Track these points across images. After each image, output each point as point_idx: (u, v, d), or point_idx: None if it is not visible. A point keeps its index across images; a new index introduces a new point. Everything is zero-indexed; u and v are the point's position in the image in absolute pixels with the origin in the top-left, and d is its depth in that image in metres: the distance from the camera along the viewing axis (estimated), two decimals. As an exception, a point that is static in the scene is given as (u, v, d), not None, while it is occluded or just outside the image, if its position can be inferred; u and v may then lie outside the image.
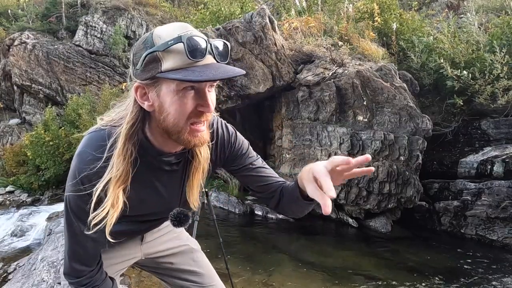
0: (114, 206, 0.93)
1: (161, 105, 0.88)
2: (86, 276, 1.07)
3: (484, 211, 4.21)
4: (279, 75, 5.15)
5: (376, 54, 5.17)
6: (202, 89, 0.87)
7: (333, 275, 3.39)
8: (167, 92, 0.86)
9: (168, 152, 1.00)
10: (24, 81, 8.15)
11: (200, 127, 0.91)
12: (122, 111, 0.98)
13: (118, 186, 0.93)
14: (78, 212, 0.97)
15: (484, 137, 4.80)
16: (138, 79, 0.88)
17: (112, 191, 0.92)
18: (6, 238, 4.82)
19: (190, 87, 0.85)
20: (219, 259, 3.11)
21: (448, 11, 6.61)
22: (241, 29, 5.16)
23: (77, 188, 0.93)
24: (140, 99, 0.90)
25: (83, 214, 0.95)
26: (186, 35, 0.81)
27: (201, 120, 0.90)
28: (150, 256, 1.35)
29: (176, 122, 0.88)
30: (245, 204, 5.38)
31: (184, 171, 1.09)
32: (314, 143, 4.80)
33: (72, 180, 0.94)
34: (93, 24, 8.72)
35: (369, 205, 4.56)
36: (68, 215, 0.99)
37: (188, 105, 0.86)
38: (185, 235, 1.46)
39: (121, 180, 0.93)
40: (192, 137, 0.91)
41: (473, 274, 3.45)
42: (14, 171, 7.05)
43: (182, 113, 0.87)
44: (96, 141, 0.95)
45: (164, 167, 1.02)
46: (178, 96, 0.85)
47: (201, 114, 0.89)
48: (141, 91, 0.90)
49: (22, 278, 2.84)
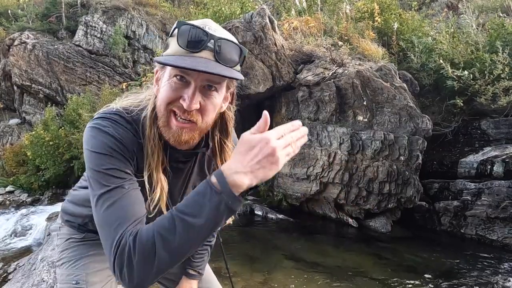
0: (163, 189, 0.93)
1: (158, 89, 0.91)
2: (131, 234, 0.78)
3: (484, 211, 4.21)
4: (279, 75, 5.15)
5: (376, 54, 5.17)
6: (192, 83, 0.85)
7: (333, 275, 3.39)
8: (165, 77, 0.88)
9: (176, 147, 0.98)
10: (24, 81, 8.15)
11: (178, 122, 0.88)
12: (142, 98, 0.99)
13: (159, 170, 0.93)
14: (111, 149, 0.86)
15: (484, 137, 4.80)
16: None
17: (156, 175, 0.92)
18: (6, 238, 4.82)
19: (181, 77, 0.84)
20: (219, 259, 3.11)
21: (448, 11, 6.61)
22: (241, 29, 5.16)
23: (104, 129, 0.87)
24: (155, 83, 0.94)
25: (117, 148, 0.87)
26: (182, 23, 0.82)
27: (180, 114, 0.87)
28: None
29: (160, 105, 0.89)
30: (245, 204, 5.38)
31: (188, 173, 1.08)
32: (314, 143, 4.80)
33: (96, 129, 0.87)
34: (93, 24, 8.71)
35: (369, 205, 4.56)
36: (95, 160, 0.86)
37: (172, 92, 0.86)
38: None
39: (159, 163, 0.93)
40: (169, 127, 0.89)
41: (473, 274, 3.45)
42: (14, 171, 7.05)
43: (164, 98, 0.87)
44: (120, 117, 0.92)
45: (170, 162, 0.99)
46: (169, 82, 0.86)
47: (180, 107, 0.86)
48: (157, 75, 0.94)
49: (22, 278, 2.84)
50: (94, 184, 0.85)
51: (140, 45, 8.82)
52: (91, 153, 0.86)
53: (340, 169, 4.55)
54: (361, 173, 4.52)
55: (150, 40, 8.80)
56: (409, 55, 5.30)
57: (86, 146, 0.89)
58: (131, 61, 8.70)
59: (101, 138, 0.87)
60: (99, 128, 0.88)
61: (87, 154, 0.88)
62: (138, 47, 8.83)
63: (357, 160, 4.55)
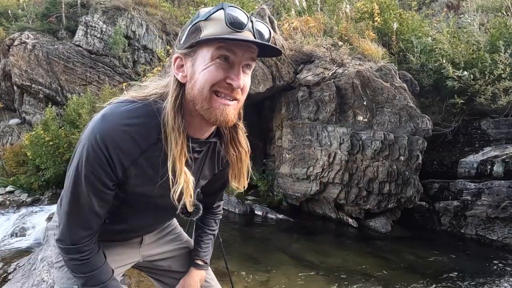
0: (188, 180, 0.94)
1: (192, 74, 0.90)
2: (87, 241, 1.01)
3: (484, 211, 4.21)
4: (279, 75, 5.14)
5: (376, 54, 5.17)
6: (236, 62, 0.88)
7: (333, 275, 3.39)
8: (201, 61, 0.88)
9: (192, 136, 0.99)
10: (24, 81, 8.15)
11: (225, 100, 0.89)
12: (157, 89, 0.98)
13: (182, 160, 0.92)
14: (93, 173, 0.92)
15: (484, 137, 4.80)
16: (178, 50, 0.91)
17: (180, 166, 0.92)
18: (6, 238, 4.82)
19: (225, 58, 0.86)
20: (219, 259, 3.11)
21: (448, 11, 6.61)
22: (241, 29, 5.16)
23: (95, 151, 0.89)
24: (176, 70, 0.93)
25: (101, 177, 0.92)
26: (227, 5, 0.84)
27: (227, 93, 0.89)
28: (148, 259, 1.33)
29: (202, 88, 0.88)
30: (245, 204, 5.38)
31: (202, 161, 1.08)
32: (314, 143, 4.80)
33: (90, 144, 0.89)
34: (93, 24, 8.72)
35: (369, 205, 4.56)
36: (77, 177, 0.93)
37: (218, 73, 0.87)
38: (185, 237, 1.44)
39: (183, 154, 0.93)
40: (214, 108, 0.89)
41: (473, 274, 3.45)
42: (14, 171, 7.05)
43: (209, 80, 0.87)
44: (126, 110, 0.92)
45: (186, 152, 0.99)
46: (213, 64, 0.87)
47: (228, 86, 0.88)
48: (179, 62, 0.92)
49: (22, 278, 2.84)
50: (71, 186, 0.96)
51: (140, 45, 8.82)
52: (83, 156, 0.92)
53: (340, 169, 4.55)
54: (361, 173, 4.52)
55: (150, 40, 8.81)
56: (408, 55, 5.30)
57: (82, 143, 0.93)
58: (131, 61, 8.71)
59: (94, 160, 0.91)
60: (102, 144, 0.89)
61: (80, 151, 0.93)
62: (138, 47, 8.83)
63: (357, 160, 4.55)
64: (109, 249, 1.18)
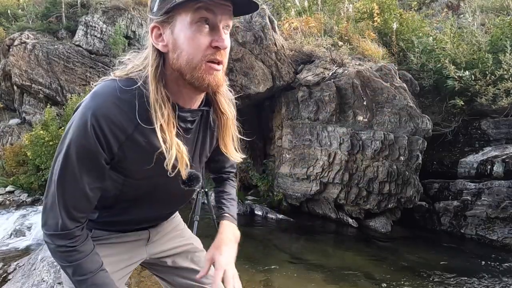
0: (180, 150, 0.92)
1: (175, 42, 0.87)
2: (76, 228, 0.97)
3: (484, 211, 4.21)
4: (279, 75, 5.14)
5: (376, 54, 5.17)
6: (216, 24, 0.86)
7: (333, 275, 3.40)
8: (181, 27, 0.86)
9: (182, 106, 0.97)
10: (24, 81, 8.15)
11: (214, 65, 0.89)
12: (137, 64, 0.95)
13: (171, 130, 0.90)
14: (85, 153, 0.89)
15: (484, 137, 4.80)
16: (154, 18, 0.88)
17: (170, 136, 0.90)
18: (6, 238, 4.82)
19: (205, 20, 0.85)
20: (219, 259, 3.10)
21: (448, 11, 6.61)
22: (241, 29, 5.16)
23: (87, 129, 0.87)
24: (155, 40, 0.90)
25: (95, 153, 0.89)
26: None
27: (217, 58, 0.88)
28: (154, 256, 1.32)
29: (191, 59, 0.87)
30: (245, 204, 5.38)
31: (197, 131, 1.07)
32: (314, 143, 4.80)
33: (82, 122, 0.87)
34: (93, 24, 8.71)
35: (369, 205, 4.56)
36: (67, 157, 0.90)
37: (202, 39, 0.86)
38: (188, 233, 1.43)
39: (171, 124, 0.90)
40: (207, 75, 0.88)
41: (473, 274, 3.45)
42: (14, 171, 7.05)
43: (197, 48, 0.86)
44: (115, 87, 0.90)
45: (179, 123, 0.97)
46: (192, 30, 0.85)
47: (217, 51, 0.87)
48: (157, 32, 0.89)
49: (22, 278, 2.84)
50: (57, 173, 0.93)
51: (140, 45, 8.82)
52: (72, 140, 0.90)
53: (340, 169, 4.55)
54: (361, 173, 4.52)
55: (150, 40, 8.78)
56: (408, 55, 5.30)
57: (72, 129, 0.90)
58: (131, 61, 8.69)
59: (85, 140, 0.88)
60: (91, 125, 0.87)
61: (69, 135, 0.90)
62: (138, 47, 8.82)
63: (357, 160, 4.55)
64: (116, 248, 1.17)
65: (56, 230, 0.95)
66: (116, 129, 0.89)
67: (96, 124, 0.87)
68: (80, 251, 0.98)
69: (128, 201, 1.08)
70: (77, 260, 0.98)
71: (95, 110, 0.87)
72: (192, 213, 2.89)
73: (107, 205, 1.07)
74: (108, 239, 1.16)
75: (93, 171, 0.93)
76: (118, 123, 0.89)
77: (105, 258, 1.11)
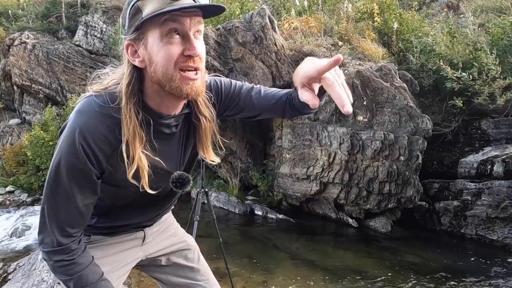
0: (143, 167, 0.94)
1: (149, 57, 0.89)
2: (73, 242, 0.99)
3: (484, 211, 4.21)
4: (279, 75, 5.15)
5: (376, 54, 5.17)
6: (186, 33, 0.87)
7: (333, 275, 3.40)
8: (153, 41, 0.87)
9: (167, 114, 0.99)
10: (24, 81, 8.15)
11: (190, 74, 0.89)
12: (115, 78, 0.97)
13: (136, 146, 0.92)
14: (76, 171, 0.92)
15: (484, 137, 4.80)
16: (127, 37, 0.90)
17: (135, 153, 0.92)
18: (6, 238, 4.82)
19: (174, 30, 0.86)
20: (219, 259, 3.11)
21: (448, 11, 6.60)
22: (241, 29, 5.16)
23: (76, 148, 0.89)
24: (131, 58, 0.91)
25: (83, 172, 0.92)
26: None
27: (190, 66, 0.89)
28: (149, 256, 1.35)
29: (165, 70, 0.88)
30: (245, 204, 5.38)
31: (181, 134, 1.09)
32: (314, 143, 4.80)
33: (70, 141, 0.90)
34: (93, 24, 8.72)
35: (369, 205, 4.56)
36: (58, 176, 0.92)
37: (174, 49, 0.86)
38: (181, 232, 1.46)
39: (137, 140, 0.92)
40: (184, 85, 0.89)
41: (473, 274, 3.45)
42: (14, 171, 7.05)
43: (169, 59, 0.87)
44: (96, 104, 0.92)
45: (164, 130, 1.01)
46: (163, 42, 0.86)
47: (189, 58, 0.88)
48: (132, 49, 0.91)
49: (22, 278, 2.84)
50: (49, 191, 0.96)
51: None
52: (62, 158, 0.91)
53: (340, 169, 4.55)
54: (361, 173, 4.52)
55: (150, 40, 8.79)
56: (408, 55, 5.30)
57: (60, 146, 0.92)
58: (131, 61, 8.69)
59: (74, 157, 0.90)
60: (78, 143, 0.89)
61: (59, 152, 0.92)
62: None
63: (357, 160, 4.55)
64: (113, 248, 1.19)
65: (53, 247, 0.98)
66: (103, 145, 0.92)
67: (84, 141, 0.89)
68: (79, 263, 1.01)
69: (123, 206, 1.11)
70: (77, 272, 1.00)
71: (81, 128, 0.89)
72: (192, 213, 2.89)
73: (104, 212, 1.11)
74: (106, 240, 1.19)
75: (86, 188, 0.95)
76: (104, 139, 0.91)
77: (103, 259, 1.14)
